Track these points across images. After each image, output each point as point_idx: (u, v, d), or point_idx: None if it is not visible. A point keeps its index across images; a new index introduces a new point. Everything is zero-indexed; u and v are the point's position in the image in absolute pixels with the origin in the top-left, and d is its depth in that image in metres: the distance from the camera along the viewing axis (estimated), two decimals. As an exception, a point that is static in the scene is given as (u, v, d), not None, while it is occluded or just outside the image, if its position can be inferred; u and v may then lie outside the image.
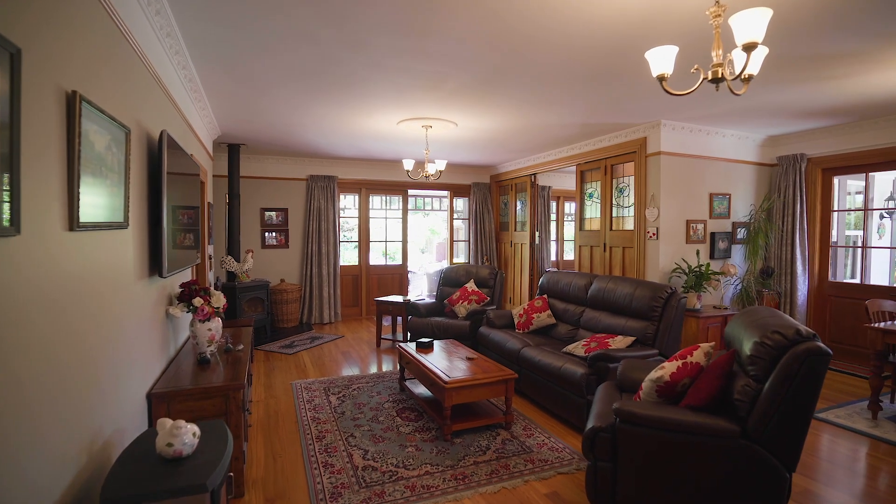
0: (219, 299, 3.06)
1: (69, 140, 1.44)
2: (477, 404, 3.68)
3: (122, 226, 1.90)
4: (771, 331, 2.15)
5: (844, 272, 5.83)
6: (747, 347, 2.25)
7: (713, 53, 1.98)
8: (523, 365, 4.03)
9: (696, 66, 2.03)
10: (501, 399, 3.87)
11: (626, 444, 2.26)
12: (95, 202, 1.62)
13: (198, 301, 2.93)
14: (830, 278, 5.57)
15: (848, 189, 6.35)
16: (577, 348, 3.75)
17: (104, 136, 1.66)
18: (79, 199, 1.46)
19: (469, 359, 3.80)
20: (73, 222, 1.45)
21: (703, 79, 2.02)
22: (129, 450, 1.65)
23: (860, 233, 6.25)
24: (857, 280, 5.75)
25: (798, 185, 5.49)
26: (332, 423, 3.57)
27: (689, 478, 2.15)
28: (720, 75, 1.96)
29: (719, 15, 2.00)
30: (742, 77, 2.01)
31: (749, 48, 1.76)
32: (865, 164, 5.11)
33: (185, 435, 1.55)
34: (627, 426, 2.25)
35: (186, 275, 3.79)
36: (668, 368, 2.45)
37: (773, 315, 2.42)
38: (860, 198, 6.37)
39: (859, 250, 5.98)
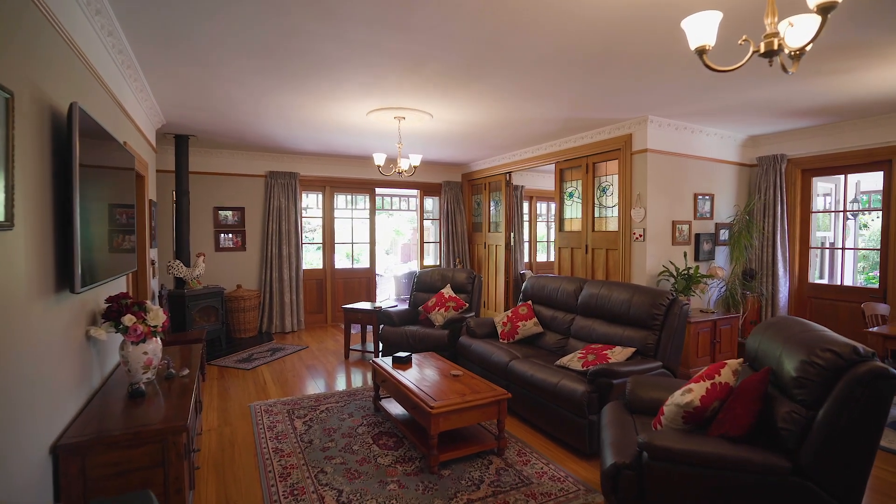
0: (157, 316, 2.51)
1: None
2: (465, 428, 3.27)
3: (3, 226, 1.37)
4: (821, 349, 1.86)
5: (816, 273, 5.83)
6: (790, 367, 1.95)
7: (766, 22, 1.66)
8: (512, 380, 3.66)
9: (744, 38, 1.71)
10: (491, 421, 3.48)
11: (658, 484, 1.92)
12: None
13: (129, 319, 2.38)
14: (810, 280, 5.53)
15: (817, 191, 6.39)
16: (573, 361, 3.41)
17: (-38, 94, 1.14)
18: None
19: (454, 375, 3.39)
20: None
21: (754, 52, 1.70)
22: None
23: (828, 234, 6.28)
24: (826, 281, 5.75)
25: (778, 186, 5.41)
26: (299, 455, 3.07)
27: (733, 523, 1.83)
28: (776, 47, 1.64)
29: (771, -23, 1.69)
30: (793, 53, 1.70)
31: (826, 9, 1.44)
32: (844, 165, 5.07)
33: (88, 533, 1.06)
34: (659, 463, 1.91)
35: (120, 285, 3.18)
36: (696, 391, 2.13)
37: (807, 328, 2.15)
38: (828, 199, 6.41)
39: (830, 251, 6.00)
